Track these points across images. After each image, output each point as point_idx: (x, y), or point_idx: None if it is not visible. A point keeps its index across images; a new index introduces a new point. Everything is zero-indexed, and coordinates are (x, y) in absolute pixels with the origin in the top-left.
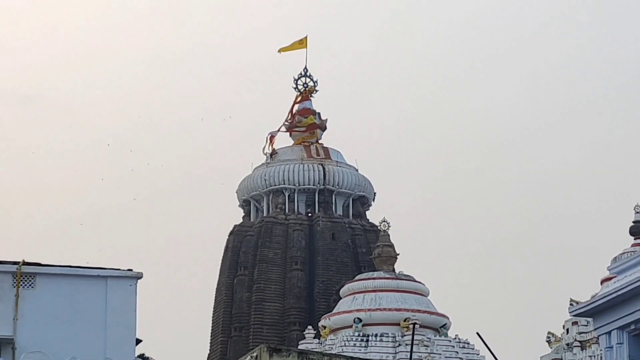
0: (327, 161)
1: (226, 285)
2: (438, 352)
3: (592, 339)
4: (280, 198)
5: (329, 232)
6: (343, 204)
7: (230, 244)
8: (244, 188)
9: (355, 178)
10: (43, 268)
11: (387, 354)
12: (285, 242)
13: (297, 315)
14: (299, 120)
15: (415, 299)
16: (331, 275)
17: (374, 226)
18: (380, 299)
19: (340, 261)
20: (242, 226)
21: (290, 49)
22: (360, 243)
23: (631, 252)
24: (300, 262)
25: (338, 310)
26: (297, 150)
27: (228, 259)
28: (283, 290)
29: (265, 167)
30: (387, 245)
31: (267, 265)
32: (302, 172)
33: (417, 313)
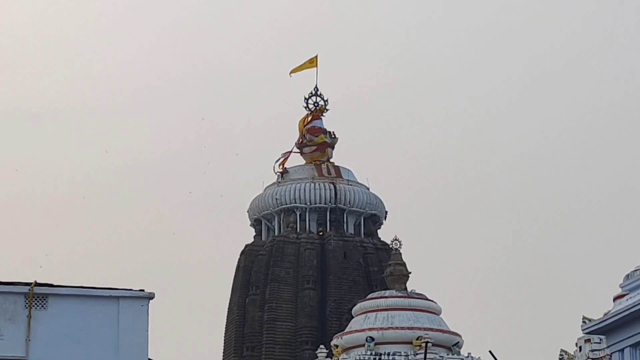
0: (338, 180)
1: (238, 305)
2: None
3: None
4: (291, 217)
5: (341, 250)
6: (354, 222)
7: (241, 264)
8: (255, 207)
9: (366, 196)
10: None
11: None
12: (296, 261)
13: (309, 335)
14: (309, 139)
15: (427, 318)
16: (343, 294)
17: (386, 245)
18: (393, 318)
19: (352, 280)
20: (253, 245)
21: (301, 69)
22: (372, 262)
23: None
24: (312, 281)
25: (350, 329)
26: (308, 169)
27: (240, 278)
28: (295, 309)
29: (276, 186)
30: (399, 264)
31: (278, 285)
32: (313, 190)
33: (429, 331)
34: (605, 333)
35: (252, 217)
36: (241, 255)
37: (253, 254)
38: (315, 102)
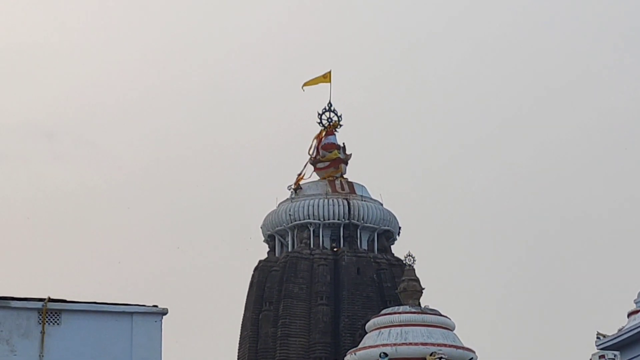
0: (351, 196)
1: (251, 321)
2: None
3: None
4: (305, 233)
5: (354, 266)
6: (368, 238)
7: (255, 279)
8: (268, 223)
9: (380, 212)
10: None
11: None
12: (310, 277)
13: (322, 350)
14: (323, 155)
15: (441, 333)
16: (357, 310)
17: (399, 260)
18: (406, 334)
19: (365, 296)
20: (267, 261)
21: (314, 83)
22: (385, 277)
23: None
24: (325, 297)
25: (364, 345)
26: (322, 185)
27: (253, 294)
28: (308, 325)
29: (289, 202)
30: (413, 280)
31: (292, 300)
32: (327, 206)
33: (443, 347)
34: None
35: (266, 233)
36: (255, 271)
37: (266, 269)
38: (329, 118)
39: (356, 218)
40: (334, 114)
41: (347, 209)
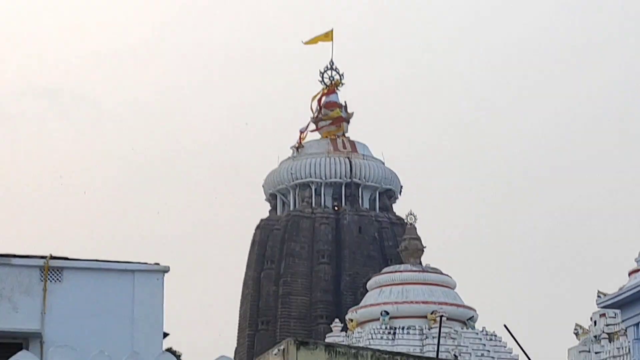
0: (353, 154)
1: (253, 279)
2: (465, 345)
3: (620, 331)
4: (306, 192)
5: (356, 225)
6: (369, 197)
7: (256, 238)
8: (270, 182)
9: (381, 171)
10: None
11: (414, 347)
12: (311, 235)
13: (324, 309)
14: (325, 113)
15: (442, 292)
16: (358, 268)
17: (401, 219)
18: (407, 292)
19: (367, 254)
20: (268, 220)
21: (316, 41)
22: (387, 236)
23: None
24: (327, 256)
25: (365, 304)
26: (324, 143)
27: (255, 252)
28: (310, 283)
29: (291, 160)
30: (414, 238)
31: (293, 259)
32: (329, 165)
33: (444, 306)
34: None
35: (268, 191)
36: (256, 229)
37: (268, 228)
38: (331, 76)
39: (358, 177)
40: (335, 72)
41: (349, 167)
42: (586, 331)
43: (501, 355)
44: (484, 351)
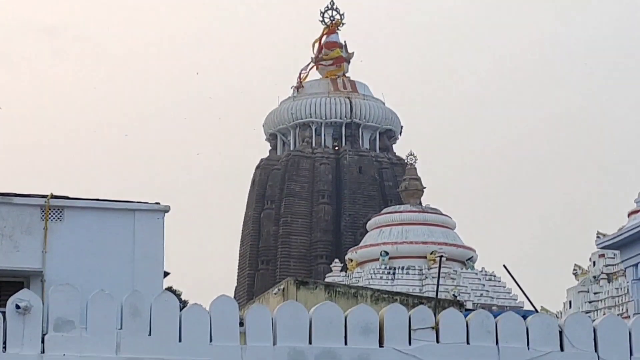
0: (354, 94)
1: (253, 219)
2: (464, 285)
3: (618, 272)
4: (306, 131)
5: (356, 165)
6: (370, 137)
7: (256, 178)
8: (270, 122)
9: (382, 111)
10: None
11: (413, 287)
12: (312, 175)
13: (323, 249)
14: (325, 53)
15: (441, 232)
16: (358, 208)
17: (401, 159)
18: (407, 232)
19: (366, 195)
20: (268, 160)
21: None
22: (387, 176)
23: None
24: (327, 196)
25: (365, 244)
26: (324, 83)
27: (255, 192)
28: (310, 223)
29: (291, 100)
30: (414, 179)
31: (293, 199)
32: (329, 105)
33: (443, 246)
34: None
35: (268, 131)
36: (256, 169)
37: (268, 168)
38: (332, 16)
39: (358, 117)
40: (336, 12)
41: (349, 107)
42: (585, 272)
43: (500, 295)
44: (483, 291)
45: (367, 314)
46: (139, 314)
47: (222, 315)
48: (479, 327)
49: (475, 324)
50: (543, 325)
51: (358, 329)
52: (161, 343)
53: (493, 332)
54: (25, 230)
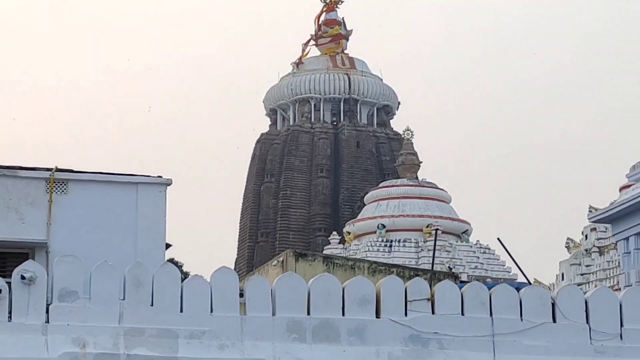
0: (352, 71)
1: (253, 192)
2: (459, 258)
3: (610, 245)
4: (306, 107)
5: (354, 140)
6: (368, 112)
7: (257, 152)
8: (270, 97)
9: (379, 87)
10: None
11: (409, 259)
12: (310, 150)
13: (322, 222)
14: (324, 30)
15: (437, 206)
16: (355, 182)
17: (398, 134)
18: (404, 206)
19: (364, 169)
20: (268, 134)
21: None
22: (384, 151)
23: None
24: (325, 170)
25: (362, 217)
26: (323, 60)
27: (255, 166)
28: (308, 197)
29: (291, 76)
30: (411, 153)
31: (293, 173)
32: (328, 81)
33: (439, 219)
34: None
35: (268, 106)
36: (257, 143)
37: (268, 142)
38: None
39: (356, 93)
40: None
41: (348, 83)
42: (577, 245)
43: (494, 268)
44: (477, 263)
45: (364, 286)
46: (141, 285)
47: (223, 287)
48: (474, 299)
49: (469, 295)
50: (536, 297)
51: (355, 300)
52: (163, 313)
53: (487, 304)
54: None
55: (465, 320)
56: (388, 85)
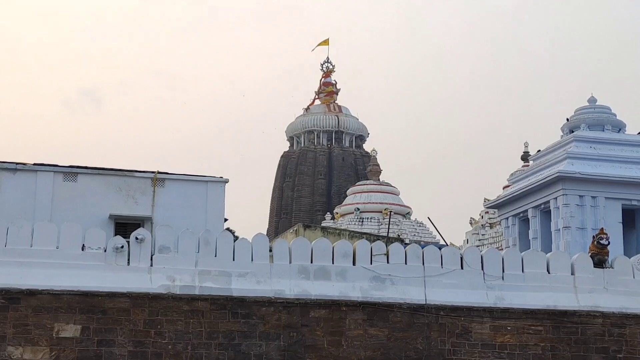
0: (340, 114)
1: (278, 188)
2: (404, 229)
3: (497, 222)
4: (311, 135)
5: (341, 156)
6: (350, 139)
7: (281, 163)
8: (289, 129)
9: (357, 124)
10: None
11: (374, 230)
12: (314, 162)
13: (321, 206)
14: (323, 89)
15: (391, 197)
16: (341, 182)
17: (368, 153)
18: (370, 197)
19: (347, 174)
20: (288, 152)
21: (319, 46)
22: (359, 163)
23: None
24: (323, 174)
25: (345, 203)
26: (322, 107)
27: (280, 171)
28: (313, 191)
29: (303, 117)
30: (375, 165)
31: (303, 176)
32: (325, 120)
33: (392, 205)
34: (497, 207)
35: (288, 135)
36: (281, 158)
37: (288, 157)
38: (327, 66)
39: (342, 127)
40: (330, 64)
41: (337, 121)
42: (477, 221)
43: (426, 236)
44: (415, 233)
45: (345, 246)
46: (209, 244)
47: (259, 245)
48: (412, 254)
49: (410, 252)
50: (451, 253)
51: (340, 254)
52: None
53: (420, 257)
54: (141, 192)
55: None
56: (362, 123)
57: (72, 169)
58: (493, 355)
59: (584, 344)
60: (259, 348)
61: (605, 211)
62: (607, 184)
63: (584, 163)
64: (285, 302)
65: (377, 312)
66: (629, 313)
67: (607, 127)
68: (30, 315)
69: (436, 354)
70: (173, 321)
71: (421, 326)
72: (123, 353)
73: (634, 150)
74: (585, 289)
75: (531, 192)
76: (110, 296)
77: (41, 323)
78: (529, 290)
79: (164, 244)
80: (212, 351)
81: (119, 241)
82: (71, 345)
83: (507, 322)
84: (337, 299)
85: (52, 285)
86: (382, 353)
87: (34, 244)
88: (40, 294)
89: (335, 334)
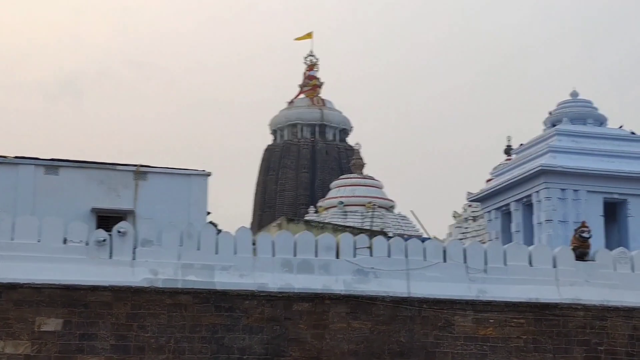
0: (323, 107)
1: (262, 181)
2: (387, 222)
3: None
4: (295, 128)
5: (325, 150)
6: (333, 133)
7: (264, 156)
8: (273, 122)
9: (340, 118)
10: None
11: (357, 223)
12: (297, 155)
13: (304, 200)
14: (307, 82)
15: (375, 190)
16: (325, 176)
17: (351, 147)
18: (354, 190)
19: (331, 167)
20: (272, 146)
21: (302, 39)
22: (342, 157)
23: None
24: (307, 167)
25: (329, 197)
26: (306, 100)
27: (263, 165)
28: (296, 184)
29: (286, 110)
30: (359, 158)
31: (286, 170)
32: (309, 113)
33: (375, 199)
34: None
35: (272, 128)
36: (265, 151)
37: (271, 150)
38: (311, 60)
39: (326, 120)
40: (313, 57)
41: (321, 115)
42: (460, 215)
43: (409, 229)
44: (398, 226)
45: (329, 239)
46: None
47: (242, 239)
48: (396, 247)
49: (393, 245)
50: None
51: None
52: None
53: (404, 250)
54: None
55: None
56: (345, 116)
57: (54, 162)
58: (475, 348)
59: (565, 337)
60: (242, 341)
61: (587, 204)
62: (589, 177)
63: (566, 156)
64: (269, 296)
65: (361, 305)
66: (610, 306)
67: (589, 120)
68: (12, 309)
69: (419, 346)
70: (156, 315)
71: (404, 319)
72: (105, 347)
73: (616, 144)
74: (567, 282)
75: (514, 186)
76: (92, 290)
77: (22, 317)
78: (512, 283)
79: (146, 237)
80: (195, 345)
81: (101, 234)
82: (53, 339)
83: (489, 314)
84: (321, 292)
85: (33, 278)
86: (366, 346)
87: (15, 238)
88: (22, 288)
89: (319, 327)
